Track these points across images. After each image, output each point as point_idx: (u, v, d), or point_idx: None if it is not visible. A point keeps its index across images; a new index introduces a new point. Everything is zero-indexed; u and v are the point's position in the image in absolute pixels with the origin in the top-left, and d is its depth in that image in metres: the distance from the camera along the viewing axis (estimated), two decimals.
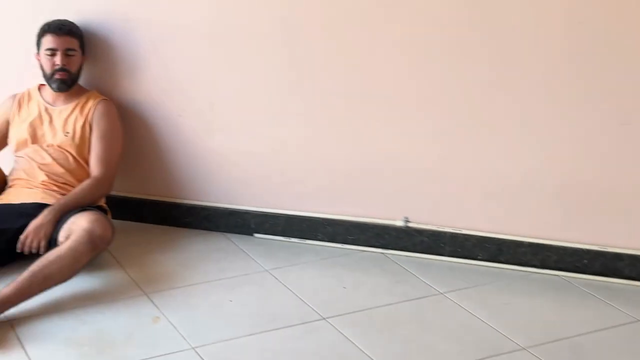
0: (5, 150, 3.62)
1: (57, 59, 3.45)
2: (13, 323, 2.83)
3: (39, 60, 3.52)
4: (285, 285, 3.17)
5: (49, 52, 3.47)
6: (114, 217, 3.49)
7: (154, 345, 2.73)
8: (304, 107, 3.43)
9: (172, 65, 3.54)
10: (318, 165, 3.48)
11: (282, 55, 3.39)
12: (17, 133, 3.54)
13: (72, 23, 3.52)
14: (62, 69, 3.46)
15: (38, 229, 3.22)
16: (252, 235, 3.63)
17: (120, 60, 3.60)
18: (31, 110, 3.56)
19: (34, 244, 3.20)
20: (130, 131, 3.63)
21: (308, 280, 3.22)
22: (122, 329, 2.83)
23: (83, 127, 3.49)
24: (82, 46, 3.54)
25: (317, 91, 3.39)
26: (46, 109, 3.54)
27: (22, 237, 3.22)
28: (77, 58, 3.51)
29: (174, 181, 3.70)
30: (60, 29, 3.47)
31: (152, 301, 3.03)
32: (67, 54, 3.46)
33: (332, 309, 2.97)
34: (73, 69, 3.50)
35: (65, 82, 3.50)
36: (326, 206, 3.51)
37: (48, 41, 3.47)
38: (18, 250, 3.21)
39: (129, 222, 3.74)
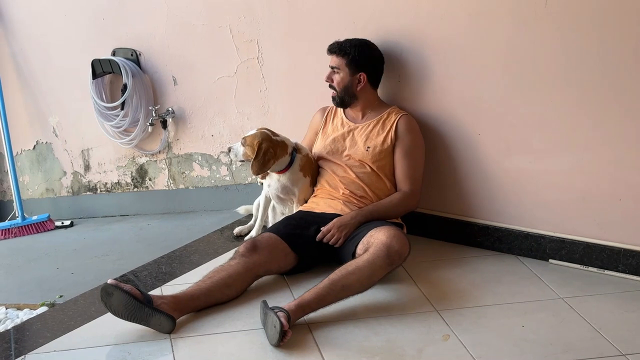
0: None
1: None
2: (311, 327, 2.97)
3: None
4: (581, 316, 3.02)
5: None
6: (407, 232, 3.54)
7: None
8: (608, 128, 3.25)
9: (474, 84, 3.53)
10: (623, 192, 3.28)
11: (587, 74, 3.24)
12: (321, 147, 3.74)
13: (345, 42, 3.62)
14: (330, 85, 3.66)
15: (342, 226, 3.38)
16: (546, 260, 3.51)
17: (422, 79, 3.65)
18: (335, 127, 3.74)
19: (333, 239, 3.37)
20: (428, 148, 3.67)
21: (607, 313, 3.05)
22: (412, 343, 2.86)
23: (384, 141, 3.59)
24: (352, 65, 3.58)
25: (623, 111, 3.21)
26: (349, 126, 3.70)
27: (324, 228, 3.40)
28: (341, 76, 3.62)
29: (468, 199, 3.69)
30: (330, 48, 3.65)
31: (442, 318, 3.03)
32: (332, 71, 3.64)
33: (634, 346, 2.79)
34: (337, 85, 3.64)
35: (334, 99, 3.70)
36: (630, 236, 3.30)
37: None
38: (317, 239, 3.40)
39: (421, 237, 3.79)
